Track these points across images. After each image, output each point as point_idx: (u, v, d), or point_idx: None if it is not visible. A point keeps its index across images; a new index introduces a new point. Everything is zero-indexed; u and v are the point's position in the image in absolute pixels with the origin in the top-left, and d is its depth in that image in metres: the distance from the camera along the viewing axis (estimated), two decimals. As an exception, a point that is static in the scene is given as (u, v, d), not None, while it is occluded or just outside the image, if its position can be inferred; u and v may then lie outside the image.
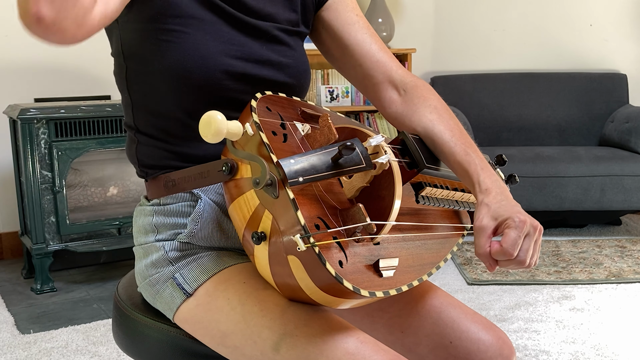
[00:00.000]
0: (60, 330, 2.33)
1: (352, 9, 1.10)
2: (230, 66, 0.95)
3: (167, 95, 0.96)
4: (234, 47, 0.97)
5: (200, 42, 0.94)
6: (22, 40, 3.14)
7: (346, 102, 3.96)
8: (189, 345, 0.98)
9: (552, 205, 3.38)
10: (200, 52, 0.94)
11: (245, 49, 0.98)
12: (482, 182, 0.90)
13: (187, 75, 0.94)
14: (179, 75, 0.94)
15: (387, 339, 1.03)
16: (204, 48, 0.94)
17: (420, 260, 0.94)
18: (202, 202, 0.98)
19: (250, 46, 0.99)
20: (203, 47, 0.94)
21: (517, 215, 0.84)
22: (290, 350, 0.82)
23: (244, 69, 0.97)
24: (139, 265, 1.03)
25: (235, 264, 0.95)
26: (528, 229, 0.84)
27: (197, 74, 0.93)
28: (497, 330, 1.02)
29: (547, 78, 3.97)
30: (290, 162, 0.78)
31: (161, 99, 0.97)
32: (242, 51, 0.98)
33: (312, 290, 0.79)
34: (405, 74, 1.07)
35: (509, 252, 0.82)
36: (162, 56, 0.94)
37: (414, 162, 0.95)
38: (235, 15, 0.98)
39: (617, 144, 3.66)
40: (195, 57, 0.94)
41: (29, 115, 2.61)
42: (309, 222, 0.78)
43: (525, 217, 0.84)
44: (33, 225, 2.69)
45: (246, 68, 0.98)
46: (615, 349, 2.16)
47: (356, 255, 0.82)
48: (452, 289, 2.74)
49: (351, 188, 0.88)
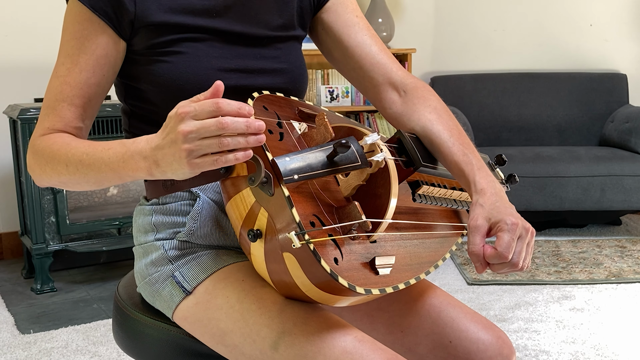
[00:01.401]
0: (60, 330, 2.34)
1: (352, 11, 1.10)
2: (223, 80, 0.97)
3: (162, 109, 0.97)
4: (227, 61, 0.99)
5: (193, 59, 0.96)
6: (22, 40, 3.14)
7: (346, 102, 3.96)
8: (189, 345, 0.98)
9: (552, 205, 3.38)
10: (194, 69, 0.96)
11: (239, 61, 1.00)
12: (478, 183, 0.90)
13: (181, 91, 0.96)
14: (173, 92, 0.97)
15: (387, 339, 1.03)
16: (197, 65, 0.96)
17: (417, 258, 0.94)
18: (200, 201, 0.98)
19: (244, 57, 1.01)
20: (196, 65, 0.96)
21: (509, 217, 0.84)
22: (288, 349, 0.83)
23: (237, 82, 0.99)
24: (139, 264, 1.04)
25: (234, 263, 0.96)
26: (520, 231, 0.84)
27: (190, 90, 0.95)
28: (496, 329, 1.02)
29: (547, 78, 3.96)
30: (285, 159, 0.78)
31: (157, 111, 1.00)
32: (236, 63, 1.00)
33: (308, 287, 0.79)
34: (405, 75, 1.07)
35: (503, 256, 0.82)
36: (156, 75, 0.97)
37: (410, 160, 0.95)
38: (228, 30, 0.99)
39: (617, 144, 3.66)
40: (189, 75, 0.96)
41: (29, 115, 2.61)
42: (304, 219, 0.78)
43: (517, 219, 0.84)
44: (33, 225, 2.69)
45: (240, 80, 0.99)
46: (615, 349, 2.16)
47: (352, 252, 0.82)
48: (452, 289, 2.74)
49: (347, 186, 0.88)
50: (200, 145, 0.74)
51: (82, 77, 0.95)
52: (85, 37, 0.95)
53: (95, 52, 0.95)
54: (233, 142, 0.74)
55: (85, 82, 0.95)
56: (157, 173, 0.81)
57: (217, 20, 0.99)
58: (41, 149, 0.94)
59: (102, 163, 0.86)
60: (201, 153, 0.75)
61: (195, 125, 0.74)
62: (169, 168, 0.78)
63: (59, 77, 0.96)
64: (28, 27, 3.14)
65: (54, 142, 0.93)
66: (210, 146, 0.74)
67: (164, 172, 0.80)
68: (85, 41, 0.95)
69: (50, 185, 0.97)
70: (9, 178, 3.17)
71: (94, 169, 0.88)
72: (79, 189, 0.95)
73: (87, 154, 0.88)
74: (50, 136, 0.95)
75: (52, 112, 0.96)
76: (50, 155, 0.92)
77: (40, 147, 0.94)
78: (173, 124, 0.76)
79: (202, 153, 0.75)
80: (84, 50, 0.95)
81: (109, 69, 0.97)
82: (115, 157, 0.85)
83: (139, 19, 0.95)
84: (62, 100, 0.95)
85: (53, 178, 0.93)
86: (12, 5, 3.10)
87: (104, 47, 0.95)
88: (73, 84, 0.95)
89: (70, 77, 0.95)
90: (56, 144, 0.92)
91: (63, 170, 0.91)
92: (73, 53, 0.95)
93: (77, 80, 0.95)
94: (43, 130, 0.96)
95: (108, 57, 0.96)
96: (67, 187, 0.95)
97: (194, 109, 0.75)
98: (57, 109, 0.95)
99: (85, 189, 0.94)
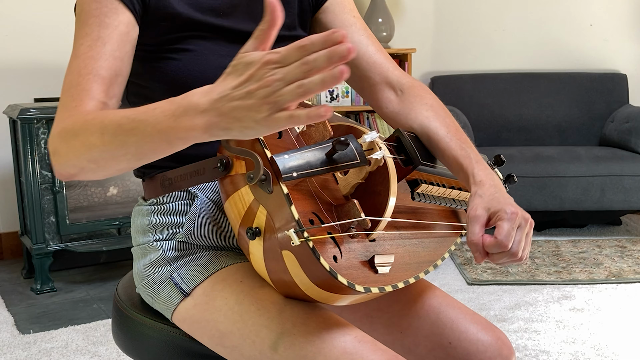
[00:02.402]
0: (60, 330, 2.34)
1: (349, 11, 1.10)
2: None
3: None
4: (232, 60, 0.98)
5: (201, 58, 0.96)
6: (22, 40, 3.14)
7: (346, 102, 3.96)
8: (188, 345, 0.98)
9: (552, 205, 3.38)
10: (201, 68, 0.95)
11: None
12: (476, 175, 0.90)
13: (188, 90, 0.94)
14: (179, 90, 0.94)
15: (386, 339, 1.03)
16: (205, 64, 0.96)
17: (416, 257, 0.94)
18: (199, 201, 0.98)
19: None
20: (204, 63, 0.96)
21: (508, 207, 0.84)
22: (288, 349, 0.83)
23: None
24: (137, 265, 1.03)
25: (232, 264, 0.96)
26: (520, 220, 0.84)
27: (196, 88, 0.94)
28: (496, 330, 1.02)
29: (547, 78, 3.96)
30: (284, 157, 0.78)
31: None
32: None
33: (307, 286, 0.79)
34: (401, 74, 1.08)
35: (503, 244, 0.82)
36: (163, 73, 0.96)
37: (409, 159, 0.95)
38: (234, 29, 0.99)
39: (617, 144, 3.66)
40: (197, 73, 0.95)
41: (29, 115, 2.61)
42: (303, 217, 0.78)
43: (516, 209, 0.84)
44: (33, 225, 2.69)
45: None
46: (615, 349, 2.16)
47: (351, 251, 0.82)
48: (452, 289, 2.74)
49: (346, 184, 0.88)
50: (282, 94, 0.64)
51: (106, 49, 0.87)
52: (104, 14, 0.88)
53: (117, 28, 0.88)
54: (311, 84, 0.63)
55: (110, 54, 0.87)
56: (218, 131, 0.68)
57: (224, 19, 0.99)
58: (70, 124, 0.81)
59: (147, 125, 0.72)
60: (283, 104, 0.64)
61: (282, 72, 0.64)
62: (237, 125, 0.66)
63: (79, 56, 0.87)
64: (28, 27, 3.14)
65: (87, 113, 0.82)
66: (291, 93, 0.64)
67: (227, 130, 0.67)
68: (105, 18, 0.88)
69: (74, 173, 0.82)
70: (9, 178, 3.17)
71: (136, 134, 0.73)
72: (110, 171, 0.80)
73: (127, 117, 0.75)
74: (81, 112, 0.83)
75: (75, 91, 0.85)
76: (81, 126, 0.79)
77: (69, 122, 0.82)
78: (255, 72, 0.65)
79: (284, 104, 0.64)
80: (105, 26, 0.88)
81: (130, 48, 0.90)
82: (164, 115, 0.71)
83: (153, 8, 0.93)
84: (86, 74, 0.85)
85: (82, 156, 0.79)
86: (12, 5, 3.10)
87: (126, 25, 0.89)
88: (97, 57, 0.86)
89: (94, 50, 0.86)
90: (89, 115, 0.81)
91: (97, 141, 0.77)
92: (92, 31, 0.87)
93: (100, 53, 0.86)
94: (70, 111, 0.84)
95: (129, 35, 0.89)
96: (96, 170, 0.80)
97: (282, 55, 0.64)
98: (81, 85, 0.85)
99: (120, 168, 0.79)
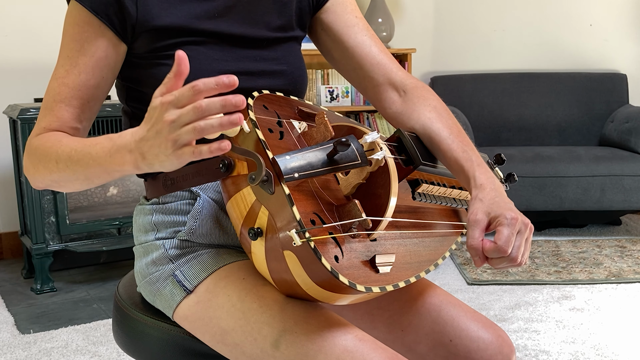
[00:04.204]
0: (60, 330, 2.34)
1: (351, 11, 1.10)
2: None
3: None
4: (227, 64, 0.99)
5: (195, 63, 0.96)
6: (22, 40, 3.14)
7: (346, 102, 3.96)
8: (189, 344, 0.98)
9: (552, 205, 3.38)
10: (195, 73, 0.95)
11: (239, 63, 1.00)
12: (477, 178, 0.90)
13: None
14: None
15: (387, 338, 1.03)
16: (199, 69, 0.96)
17: (417, 257, 0.94)
18: (201, 200, 0.99)
19: (244, 59, 1.01)
20: (198, 68, 0.96)
21: (508, 212, 0.84)
22: (289, 347, 0.83)
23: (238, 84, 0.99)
24: (139, 264, 1.04)
25: (235, 261, 0.96)
26: (520, 226, 0.84)
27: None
28: (496, 328, 1.02)
29: (547, 78, 3.97)
30: (285, 158, 0.78)
31: None
32: (237, 66, 1.00)
33: (308, 285, 0.79)
34: (405, 75, 1.08)
35: (503, 249, 0.82)
36: (158, 79, 0.96)
37: (410, 159, 0.95)
38: (228, 32, 1.00)
39: (617, 144, 3.66)
40: (190, 79, 0.95)
41: (29, 115, 2.62)
42: (305, 217, 0.78)
43: (516, 214, 0.84)
44: (33, 225, 2.69)
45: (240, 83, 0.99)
46: (615, 349, 2.16)
47: (352, 251, 0.82)
48: (452, 289, 2.74)
49: (347, 185, 0.88)
50: (180, 134, 0.72)
51: (80, 78, 0.95)
52: (85, 39, 0.95)
53: (95, 55, 0.95)
54: (206, 126, 0.71)
55: (83, 84, 0.95)
56: (143, 166, 0.78)
57: (218, 21, 0.99)
58: (34, 147, 0.94)
59: (89, 158, 0.85)
60: (183, 142, 0.73)
61: (176, 114, 0.72)
62: (155, 160, 0.76)
63: (58, 78, 0.96)
64: (28, 27, 3.14)
65: (47, 139, 0.93)
66: (188, 133, 0.72)
67: (150, 165, 0.77)
68: (85, 43, 0.95)
69: (44, 187, 0.95)
70: (9, 178, 3.17)
71: (82, 165, 0.86)
72: (71, 189, 0.93)
73: (75, 150, 0.87)
74: (44, 134, 0.95)
75: (49, 112, 0.96)
76: (42, 153, 0.92)
77: (34, 145, 0.94)
78: (158, 115, 0.74)
79: (184, 141, 0.73)
80: (83, 52, 0.95)
81: (108, 72, 0.97)
82: (102, 151, 0.83)
83: (140, 23, 0.95)
84: (59, 101, 0.95)
85: (45, 177, 0.92)
86: (12, 5, 3.10)
87: (104, 50, 0.95)
88: (71, 85, 0.95)
89: (69, 78, 0.95)
90: (49, 142, 0.92)
91: (54, 167, 0.90)
92: (72, 55, 0.95)
93: (75, 82, 0.95)
94: (39, 130, 0.96)
95: (108, 60, 0.96)
96: (60, 187, 0.94)
97: (175, 97, 0.72)
98: (54, 110, 0.95)
99: (77, 187, 0.92)
